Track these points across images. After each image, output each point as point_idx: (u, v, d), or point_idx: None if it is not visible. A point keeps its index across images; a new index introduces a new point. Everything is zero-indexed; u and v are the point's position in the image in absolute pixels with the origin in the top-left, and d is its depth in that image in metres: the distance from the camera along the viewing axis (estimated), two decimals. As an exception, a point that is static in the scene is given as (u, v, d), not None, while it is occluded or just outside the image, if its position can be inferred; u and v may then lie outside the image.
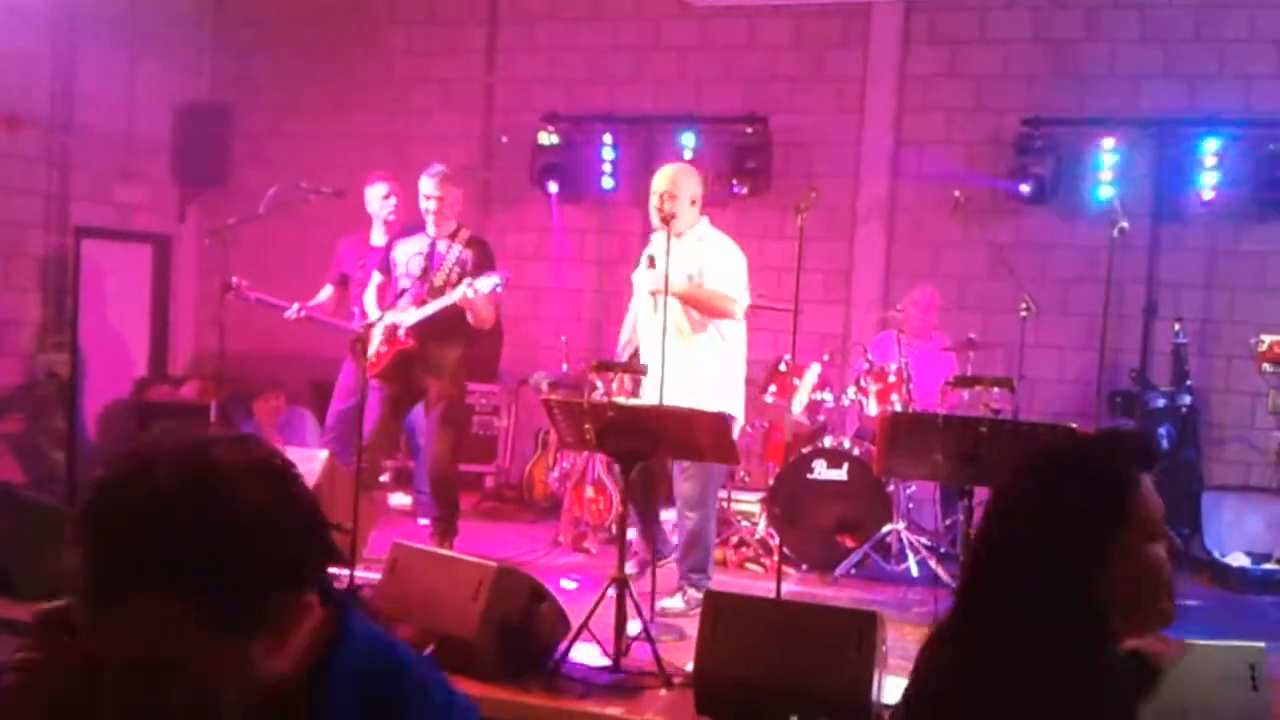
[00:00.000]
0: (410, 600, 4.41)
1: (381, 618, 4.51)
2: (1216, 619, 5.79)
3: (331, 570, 4.12)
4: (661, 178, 5.38)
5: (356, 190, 6.76)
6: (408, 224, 6.21)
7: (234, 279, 6.17)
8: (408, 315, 5.80)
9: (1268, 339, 4.75)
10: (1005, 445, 3.80)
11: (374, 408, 5.88)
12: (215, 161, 8.85)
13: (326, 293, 6.65)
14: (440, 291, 5.77)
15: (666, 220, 5.15)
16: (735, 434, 5.17)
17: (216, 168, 8.86)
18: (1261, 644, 3.85)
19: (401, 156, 7.89)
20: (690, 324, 5.30)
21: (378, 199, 6.56)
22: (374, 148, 8.47)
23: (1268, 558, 6.52)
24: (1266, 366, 4.78)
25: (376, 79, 8.90)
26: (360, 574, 4.92)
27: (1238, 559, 6.56)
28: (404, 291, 5.77)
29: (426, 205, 5.89)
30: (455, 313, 5.71)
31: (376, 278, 6.14)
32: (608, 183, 8.38)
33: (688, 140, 8.13)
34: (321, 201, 6.55)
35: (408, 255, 5.96)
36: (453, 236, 5.95)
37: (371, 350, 5.81)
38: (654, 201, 5.30)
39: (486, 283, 5.56)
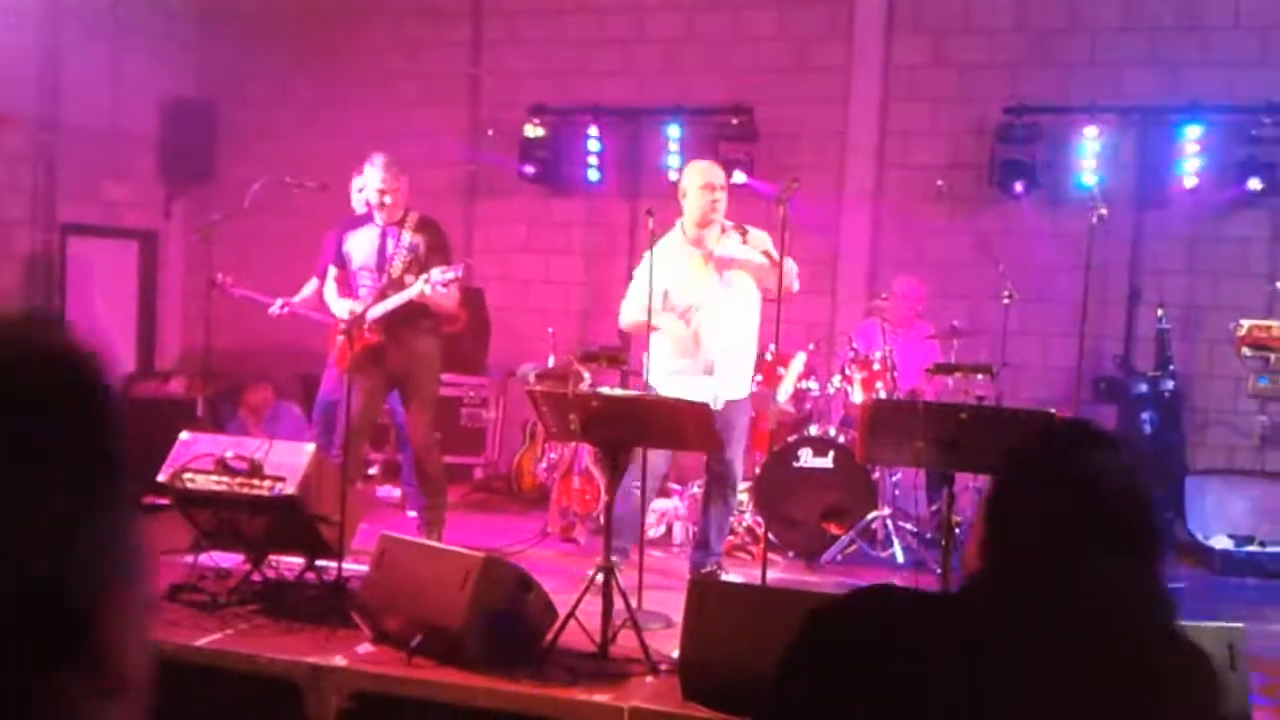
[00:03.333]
0: (398, 592, 4.44)
1: (370, 609, 4.54)
2: (1200, 600, 5.83)
3: (320, 563, 4.15)
4: (716, 173, 5.33)
5: (343, 184, 6.76)
6: (355, 215, 6.16)
7: (219, 276, 6.18)
8: (369, 309, 5.77)
9: (1246, 323, 4.79)
10: (985, 431, 3.84)
11: (351, 401, 5.88)
12: (201, 157, 8.86)
13: (312, 286, 6.65)
14: (399, 283, 5.76)
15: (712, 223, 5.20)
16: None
17: (203, 163, 8.87)
18: (1241, 624, 3.90)
19: (389, 150, 7.82)
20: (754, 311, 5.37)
21: (355, 193, 6.56)
22: (361, 141, 8.41)
23: (1250, 540, 6.58)
24: (1246, 350, 4.81)
25: (362, 73, 8.90)
26: (348, 566, 4.93)
27: (1221, 541, 6.61)
28: (383, 287, 5.78)
29: (382, 199, 5.85)
30: (418, 303, 5.70)
31: (333, 271, 6.10)
32: (594, 175, 8.40)
33: (674, 132, 8.16)
34: (308, 195, 6.56)
35: (361, 246, 5.94)
36: (401, 223, 5.91)
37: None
38: (704, 199, 5.24)
39: (441, 275, 5.54)
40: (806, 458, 6.30)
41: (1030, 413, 3.92)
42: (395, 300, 5.71)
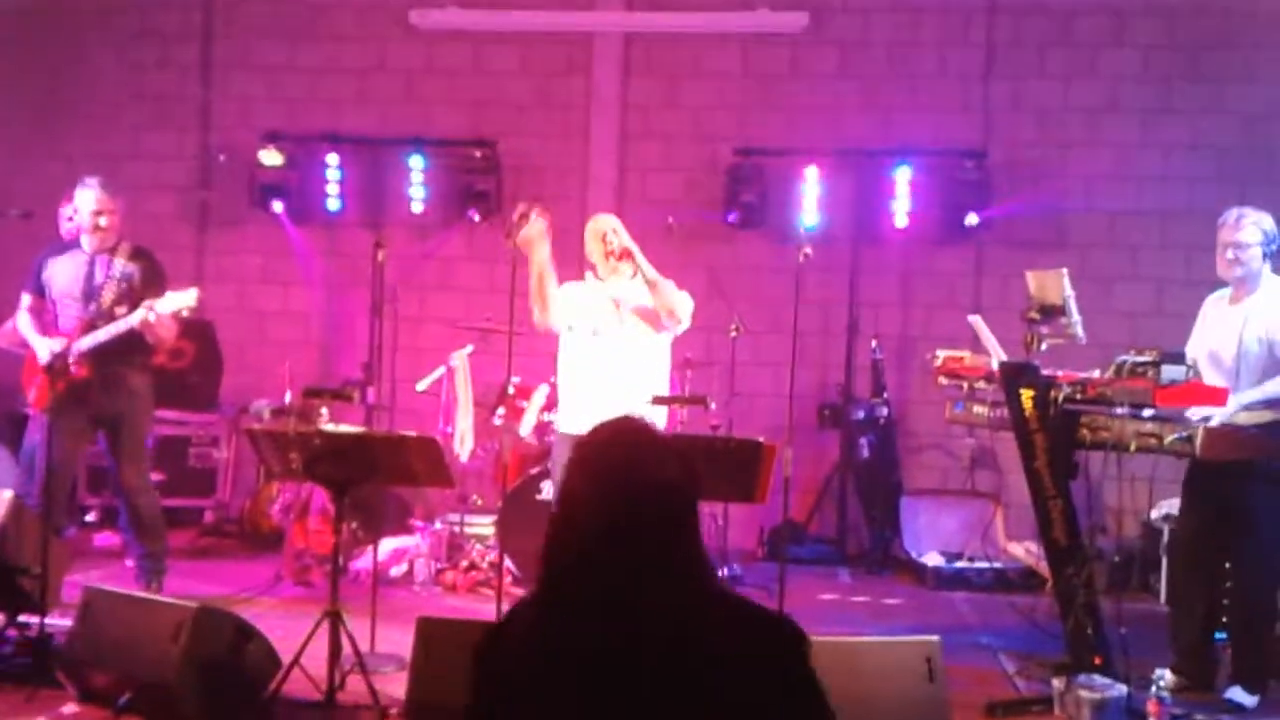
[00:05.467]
0: (105, 647, 4.20)
1: (76, 666, 4.27)
2: (912, 615, 6.23)
3: (23, 618, 3.85)
4: (601, 221, 5.48)
5: (53, 211, 6.34)
6: (58, 241, 5.84)
7: (-90, 312, 5.67)
8: (79, 341, 5.44)
9: (942, 354, 5.16)
10: (697, 459, 3.98)
11: (52, 442, 5.49)
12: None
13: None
14: (110, 314, 5.47)
15: (622, 256, 5.27)
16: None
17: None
18: (936, 637, 4.17)
19: (113, 176, 7.41)
20: (649, 340, 5.36)
21: (64, 221, 6.17)
22: (83, 166, 7.92)
23: (960, 556, 7.07)
24: (942, 379, 5.18)
25: (84, 95, 8.41)
26: (53, 621, 4.60)
27: (933, 558, 7.07)
28: (94, 319, 5.44)
29: (96, 220, 5.55)
30: (132, 334, 5.42)
31: (26, 300, 5.69)
32: (334, 204, 8.22)
33: (416, 163, 8.10)
34: (14, 224, 6.12)
35: (64, 274, 5.60)
36: (113, 251, 5.62)
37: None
38: (598, 249, 5.34)
39: (169, 303, 5.31)
40: (548, 490, 6.33)
41: (740, 441, 4.10)
42: (111, 330, 5.39)
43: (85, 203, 5.59)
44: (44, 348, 5.44)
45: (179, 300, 5.31)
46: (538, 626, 1.87)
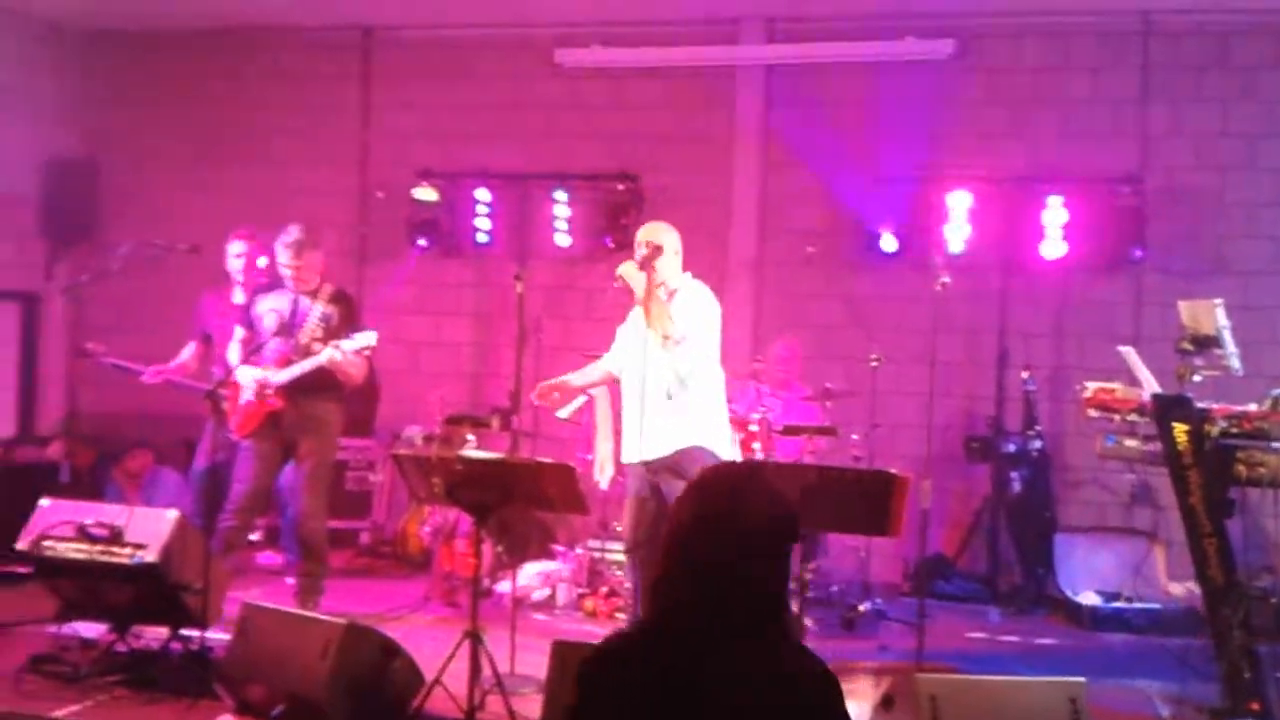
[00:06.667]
0: (260, 661, 4.40)
1: (232, 679, 4.49)
2: (1064, 656, 6.01)
3: (184, 633, 4.07)
4: (641, 230, 5.47)
5: (221, 244, 6.73)
6: (269, 279, 6.24)
7: (89, 345, 6.12)
8: (275, 375, 5.81)
9: (1091, 386, 5.00)
10: (829, 491, 3.96)
11: (246, 467, 5.87)
12: (83, 217, 8.72)
13: (190, 350, 6.60)
14: (306, 350, 5.80)
15: (644, 266, 5.20)
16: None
17: (85, 224, 8.73)
18: (1082, 678, 4.02)
19: (276, 211, 7.83)
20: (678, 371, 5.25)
21: (231, 257, 6.58)
22: (246, 202, 8.42)
23: (1117, 596, 6.79)
24: (1092, 412, 5.01)
25: (248, 133, 8.89)
26: (213, 636, 4.86)
27: (1089, 598, 6.81)
28: (261, 347, 5.78)
29: (285, 272, 5.96)
30: (323, 371, 5.76)
31: (239, 333, 6.13)
32: (483, 238, 8.48)
33: (561, 197, 8.28)
34: (183, 257, 6.52)
35: (270, 310, 5.97)
36: (315, 293, 5.98)
37: (243, 399, 5.81)
38: (636, 253, 5.35)
39: (353, 343, 5.60)
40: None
41: (868, 473, 4.05)
42: (304, 366, 5.76)
43: (278, 257, 6.01)
44: (248, 380, 5.82)
45: (361, 340, 5.62)
46: (635, 650, 2.02)
